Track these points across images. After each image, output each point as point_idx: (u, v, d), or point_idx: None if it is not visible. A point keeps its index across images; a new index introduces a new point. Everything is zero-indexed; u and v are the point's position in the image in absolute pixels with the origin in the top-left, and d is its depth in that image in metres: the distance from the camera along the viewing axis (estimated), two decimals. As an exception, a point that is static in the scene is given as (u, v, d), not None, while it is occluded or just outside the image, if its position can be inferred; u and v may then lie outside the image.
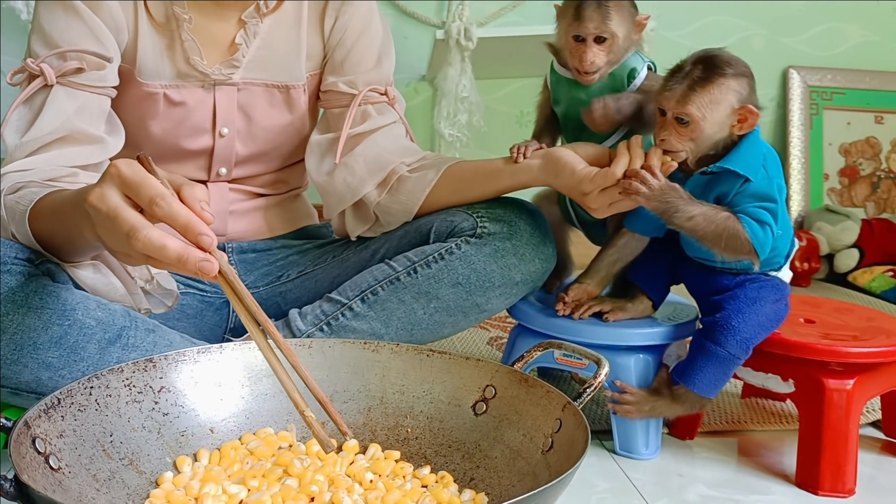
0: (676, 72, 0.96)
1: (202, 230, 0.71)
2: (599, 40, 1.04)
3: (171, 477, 0.81)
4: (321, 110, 1.26)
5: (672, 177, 1.00)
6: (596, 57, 1.04)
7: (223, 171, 1.21)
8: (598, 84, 1.08)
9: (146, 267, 1.00)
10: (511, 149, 1.11)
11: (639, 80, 1.08)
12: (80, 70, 1.04)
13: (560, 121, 1.15)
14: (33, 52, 1.05)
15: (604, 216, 1.04)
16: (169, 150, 1.17)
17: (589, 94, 1.08)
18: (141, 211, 0.73)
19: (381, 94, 1.20)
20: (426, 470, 0.86)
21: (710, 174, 0.99)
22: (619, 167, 0.98)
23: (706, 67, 0.95)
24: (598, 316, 1.10)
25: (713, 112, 0.95)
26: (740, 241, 0.96)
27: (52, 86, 1.03)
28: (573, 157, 1.03)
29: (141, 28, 1.10)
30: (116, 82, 1.08)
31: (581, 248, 1.25)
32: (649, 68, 1.10)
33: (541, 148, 1.10)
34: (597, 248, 1.16)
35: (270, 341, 0.78)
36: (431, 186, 1.12)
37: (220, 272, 0.73)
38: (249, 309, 0.77)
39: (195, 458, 0.85)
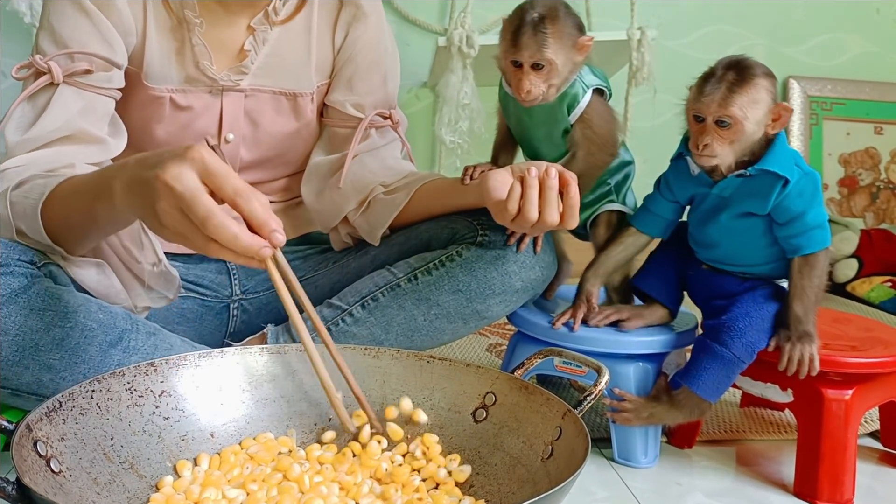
0: (709, 78, 0.98)
1: (275, 227, 0.75)
2: (537, 67, 1.02)
3: (171, 481, 0.81)
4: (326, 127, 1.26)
5: (699, 177, 1.02)
6: (533, 85, 1.03)
7: None
8: (540, 107, 1.07)
9: (154, 250, 1.02)
10: (464, 168, 1.12)
11: (579, 109, 1.07)
12: (88, 72, 1.03)
13: (514, 136, 1.15)
14: (41, 49, 1.04)
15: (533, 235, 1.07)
16: None
17: (531, 116, 1.09)
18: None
19: (386, 119, 1.22)
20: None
21: (746, 176, 1.00)
22: (513, 203, 0.98)
23: (739, 70, 0.97)
24: (615, 324, 1.10)
25: (754, 111, 0.96)
26: (826, 260, 1.00)
27: (58, 84, 1.02)
28: (498, 182, 1.01)
29: (149, 31, 1.10)
30: (122, 84, 1.08)
31: (573, 255, 1.25)
32: (601, 92, 1.09)
33: (491, 167, 1.10)
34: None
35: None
36: (399, 210, 1.15)
37: (275, 258, 0.77)
38: (299, 299, 0.83)
39: (195, 463, 0.85)
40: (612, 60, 2.23)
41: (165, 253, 1.05)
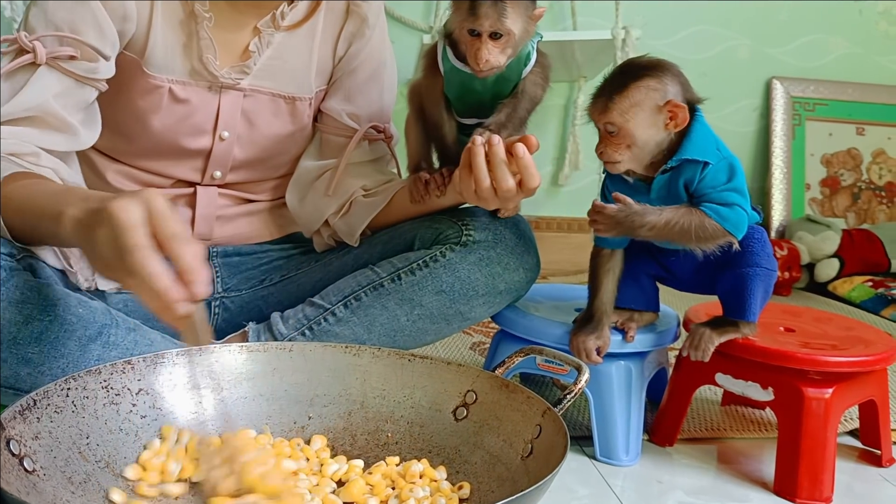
0: (601, 85, 0.98)
1: (201, 278, 0.74)
2: (495, 36, 1.01)
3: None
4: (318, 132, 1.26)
5: (634, 184, 1.01)
6: (491, 55, 1.02)
7: (217, 174, 1.20)
8: (496, 76, 1.06)
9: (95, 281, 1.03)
10: (424, 185, 1.12)
11: (531, 65, 1.08)
12: (72, 58, 1.01)
13: (453, 104, 1.13)
14: (30, 26, 1.01)
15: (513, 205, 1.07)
16: (167, 148, 1.15)
17: (483, 85, 1.08)
18: None
19: (379, 132, 1.22)
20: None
21: (669, 170, 0.98)
22: (464, 185, 1.01)
23: (622, 75, 0.96)
24: (622, 333, 1.09)
25: (637, 115, 0.94)
26: (710, 231, 0.96)
27: (39, 65, 0.99)
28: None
29: (156, 19, 1.08)
30: (108, 75, 1.05)
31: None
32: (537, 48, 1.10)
33: (451, 169, 1.09)
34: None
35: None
36: (377, 211, 1.17)
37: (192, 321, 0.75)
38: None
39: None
40: (596, 59, 2.23)
41: None
